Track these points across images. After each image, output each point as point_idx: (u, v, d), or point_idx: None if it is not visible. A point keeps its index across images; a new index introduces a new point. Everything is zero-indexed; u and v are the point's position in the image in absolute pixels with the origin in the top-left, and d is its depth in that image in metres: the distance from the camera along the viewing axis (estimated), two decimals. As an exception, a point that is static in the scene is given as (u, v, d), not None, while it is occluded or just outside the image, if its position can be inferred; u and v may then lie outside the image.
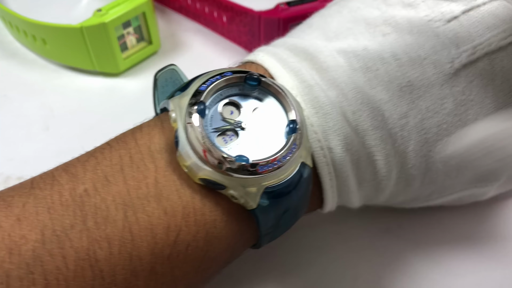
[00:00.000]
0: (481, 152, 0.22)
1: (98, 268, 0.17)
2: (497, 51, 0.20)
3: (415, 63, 0.21)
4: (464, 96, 0.20)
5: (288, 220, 0.21)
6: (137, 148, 0.19)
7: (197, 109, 0.18)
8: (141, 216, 0.17)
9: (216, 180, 0.18)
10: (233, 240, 0.20)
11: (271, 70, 0.22)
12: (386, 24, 0.21)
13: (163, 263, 0.18)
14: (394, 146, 0.21)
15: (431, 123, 0.21)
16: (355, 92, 0.20)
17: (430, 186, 0.23)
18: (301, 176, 0.19)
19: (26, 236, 0.16)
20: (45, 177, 0.18)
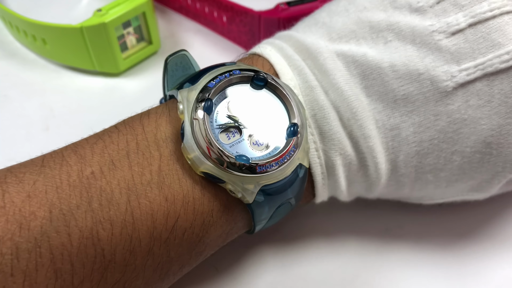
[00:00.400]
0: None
1: (100, 247, 0.18)
2: (498, 73, 0.20)
3: (412, 76, 0.21)
4: (458, 114, 0.20)
5: (281, 212, 0.22)
6: (144, 135, 0.20)
7: (204, 106, 0.19)
8: (143, 202, 0.19)
9: (216, 175, 0.19)
10: (227, 227, 0.21)
11: (277, 66, 0.22)
12: (389, 30, 0.21)
13: (160, 245, 0.19)
14: (385, 155, 0.22)
15: (422, 137, 0.21)
16: (352, 99, 0.21)
17: (420, 192, 0.24)
18: (297, 176, 0.20)
19: (35, 212, 0.17)
20: (55, 156, 0.19)
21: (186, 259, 0.21)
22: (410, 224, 0.28)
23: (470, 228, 0.28)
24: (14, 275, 0.17)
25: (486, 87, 0.20)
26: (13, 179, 0.18)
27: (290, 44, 0.23)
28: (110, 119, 0.34)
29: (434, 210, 0.29)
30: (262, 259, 0.27)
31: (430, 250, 0.27)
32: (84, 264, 0.18)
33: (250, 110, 0.20)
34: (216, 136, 0.19)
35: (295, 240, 0.28)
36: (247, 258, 0.27)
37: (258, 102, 0.21)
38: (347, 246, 0.27)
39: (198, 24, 0.42)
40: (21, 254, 0.17)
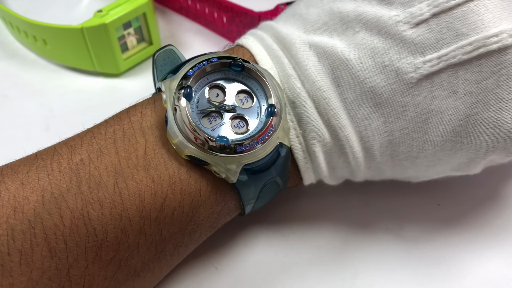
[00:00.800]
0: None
1: (92, 226, 0.19)
2: (461, 64, 0.20)
3: (378, 69, 0.21)
4: (425, 105, 0.21)
5: (268, 192, 0.23)
6: (130, 124, 0.21)
7: (183, 92, 0.20)
8: (130, 183, 0.20)
9: (200, 157, 0.20)
10: (217, 207, 0.22)
11: (257, 56, 0.23)
12: (357, 20, 0.22)
13: (150, 224, 0.20)
14: (360, 144, 0.22)
15: (393, 127, 0.22)
16: (324, 89, 0.22)
17: (402, 175, 0.24)
18: (279, 155, 0.21)
19: (29, 197, 0.19)
20: (48, 150, 0.21)
21: (179, 238, 0.21)
22: (410, 223, 0.28)
23: (469, 227, 0.28)
24: (10, 254, 0.18)
25: (451, 77, 0.20)
26: (8, 171, 0.20)
27: (270, 35, 0.24)
28: (110, 119, 0.34)
29: (434, 210, 0.29)
30: (262, 259, 0.27)
31: (429, 249, 0.27)
32: (77, 243, 0.19)
33: (230, 95, 0.22)
34: (197, 121, 0.20)
35: (295, 240, 0.28)
36: (247, 258, 0.27)
37: (238, 87, 0.22)
38: (347, 246, 0.27)
39: (198, 24, 0.42)
40: (16, 235, 0.18)
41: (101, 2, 0.43)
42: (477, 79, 0.20)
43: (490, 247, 0.27)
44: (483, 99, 0.20)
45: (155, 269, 0.22)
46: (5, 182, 0.19)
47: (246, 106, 0.22)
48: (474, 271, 0.26)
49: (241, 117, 0.21)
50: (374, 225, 0.28)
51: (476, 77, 0.20)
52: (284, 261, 0.27)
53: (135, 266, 0.20)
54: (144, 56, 0.38)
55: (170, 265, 0.23)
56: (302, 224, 0.28)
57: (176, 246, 0.22)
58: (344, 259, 0.27)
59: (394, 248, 0.27)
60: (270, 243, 0.28)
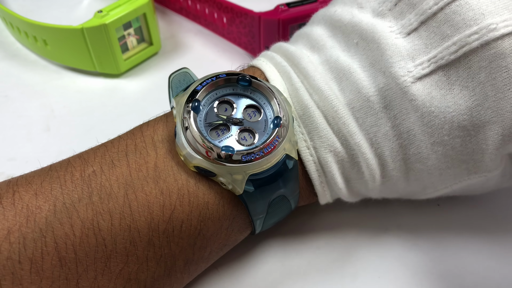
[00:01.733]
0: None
1: (101, 237, 0.19)
2: (450, 64, 0.21)
3: (378, 75, 0.22)
4: (425, 108, 0.21)
5: (278, 208, 0.22)
6: (142, 138, 0.22)
7: (191, 106, 0.21)
8: (140, 195, 0.20)
9: (207, 168, 0.20)
10: (226, 222, 0.22)
11: (267, 73, 0.24)
12: (354, 32, 0.23)
13: (159, 236, 0.20)
14: (372, 151, 0.22)
15: (401, 130, 0.22)
16: (332, 98, 0.22)
17: (418, 184, 0.24)
18: (287, 167, 0.21)
19: (41, 206, 0.19)
20: (62, 162, 0.22)
21: (189, 254, 0.21)
22: (409, 224, 0.28)
23: (468, 228, 0.28)
24: (21, 262, 0.18)
25: (444, 77, 0.21)
26: (22, 181, 0.20)
27: (280, 54, 0.25)
28: (111, 120, 0.34)
29: (433, 210, 0.29)
30: (263, 259, 0.27)
31: (429, 250, 0.27)
32: (87, 253, 0.19)
33: (238, 109, 0.22)
34: (205, 133, 0.21)
35: (295, 240, 0.28)
36: (247, 258, 0.27)
37: (246, 102, 0.22)
38: (347, 246, 0.27)
39: (198, 25, 0.42)
40: (28, 243, 0.18)
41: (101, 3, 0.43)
42: (469, 74, 0.20)
43: (490, 247, 0.27)
44: (480, 91, 0.20)
45: (165, 286, 0.21)
46: (19, 192, 0.20)
47: (254, 120, 0.22)
48: (474, 271, 0.26)
49: (249, 130, 0.22)
50: (374, 225, 0.28)
51: (468, 73, 0.20)
52: (284, 261, 0.27)
53: (144, 282, 0.20)
54: (144, 56, 0.38)
55: (180, 284, 0.23)
56: (302, 224, 0.28)
57: (186, 263, 0.22)
58: (344, 259, 0.27)
59: (394, 248, 0.27)
60: (270, 243, 0.28)
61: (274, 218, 0.24)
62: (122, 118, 0.34)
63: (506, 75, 0.20)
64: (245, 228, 0.23)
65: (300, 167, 0.23)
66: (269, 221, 0.23)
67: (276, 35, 0.34)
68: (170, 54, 0.39)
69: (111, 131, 0.24)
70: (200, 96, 0.21)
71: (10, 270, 0.18)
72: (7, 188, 0.20)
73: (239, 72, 0.22)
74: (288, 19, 0.34)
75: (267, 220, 0.23)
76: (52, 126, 0.34)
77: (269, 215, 0.23)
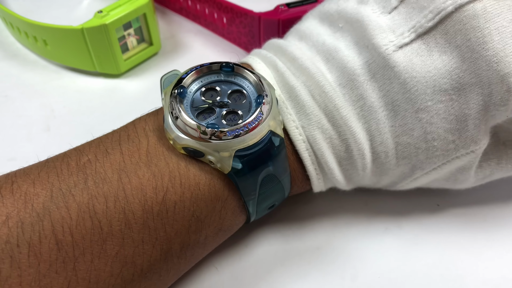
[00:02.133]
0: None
1: (97, 219, 0.20)
2: (428, 31, 0.22)
3: (361, 49, 0.23)
4: (407, 74, 0.22)
5: (270, 189, 0.23)
6: (134, 129, 0.23)
7: (177, 91, 0.22)
8: (133, 178, 0.21)
9: (195, 147, 0.21)
10: (218, 203, 0.22)
11: (253, 65, 0.26)
12: (340, 17, 0.25)
13: (154, 218, 0.21)
14: (359, 125, 0.23)
15: (386, 101, 0.23)
16: (318, 75, 0.23)
17: (406, 162, 0.24)
18: (273, 145, 0.22)
19: (38, 193, 0.20)
20: (58, 155, 0.22)
21: (184, 237, 0.22)
22: (409, 224, 0.28)
23: (468, 228, 0.28)
24: (20, 245, 0.19)
25: (423, 45, 0.22)
26: (21, 173, 0.21)
27: (268, 48, 0.27)
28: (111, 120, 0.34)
29: (433, 210, 0.29)
30: (263, 259, 0.27)
31: (428, 250, 0.27)
32: (83, 236, 0.20)
33: (223, 94, 0.23)
34: (191, 115, 0.22)
35: (295, 240, 0.28)
36: (247, 258, 0.27)
37: (231, 87, 0.23)
38: (347, 246, 0.27)
39: (198, 25, 0.42)
40: (26, 228, 0.19)
41: (102, 3, 0.43)
42: (447, 39, 0.22)
43: (490, 247, 0.27)
44: (458, 54, 0.22)
45: (161, 271, 0.22)
46: (18, 182, 0.20)
47: (239, 103, 0.23)
48: (474, 271, 0.26)
49: (234, 112, 0.22)
50: (374, 225, 0.28)
51: (445, 38, 0.22)
52: (284, 261, 0.27)
53: (141, 265, 0.21)
54: (144, 56, 0.38)
55: (177, 270, 0.23)
56: (302, 224, 0.28)
57: (182, 247, 0.22)
58: (344, 259, 0.27)
59: (394, 248, 0.27)
60: (270, 243, 0.28)
61: (268, 201, 0.24)
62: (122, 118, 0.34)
63: (480, 34, 0.21)
64: (239, 212, 0.24)
65: (290, 147, 0.24)
66: (262, 204, 0.24)
67: (276, 35, 0.34)
68: (170, 54, 0.40)
69: (111, 131, 0.24)
70: (185, 83, 0.23)
71: (8, 253, 0.18)
72: (6, 179, 0.21)
73: (222, 61, 0.24)
74: (288, 19, 0.34)
75: (260, 203, 0.24)
76: (52, 126, 0.34)
77: (261, 196, 0.23)
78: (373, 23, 0.23)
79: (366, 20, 0.23)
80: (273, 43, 0.26)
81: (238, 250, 0.27)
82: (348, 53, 0.23)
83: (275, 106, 0.23)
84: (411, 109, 0.23)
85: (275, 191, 0.24)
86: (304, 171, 0.24)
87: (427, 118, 0.23)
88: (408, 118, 0.23)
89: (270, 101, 0.22)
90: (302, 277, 0.26)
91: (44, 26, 0.35)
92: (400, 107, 0.23)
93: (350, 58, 0.23)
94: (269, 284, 0.26)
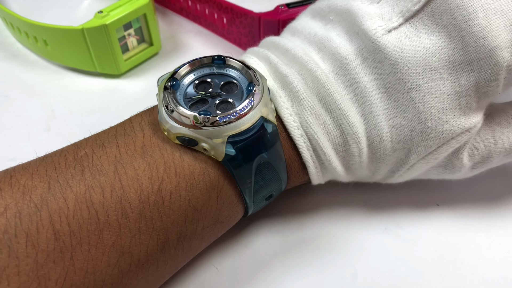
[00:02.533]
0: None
1: (94, 209, 0.20)
2: (415, 15, 0.23)
3: (352, 37, 0.24)
4: (397, 55, 0.23)
5: (265, 177, 0.23)
6: (130, 124, 0.24)
7: (170, 84, 0.23)
8: (129, 169, 0.21)
9: (188, 135, 0.22)
10: (214, 192, 0.23)
11: (246, 60, 0.26)
12: (331, 11, 0.25)
13: (150, 208, 0.21)
14: (352, 109, 0.24)
15: (378, 84, 0.24)
16: (310, 63, 0.24)
17: (401, 146, 0.24)
18: (266, 130, 0.22)
19: (36, 185, 0.20)
20: (56, 150, 0.23)
21: (181, 227, 0.22)
22: (409, 224, 0.28)
23: (468, 228, 0.28)
24: (17, 235, 0.19)
25: (411, 28, 0.23)
26: (19, 167, 0.22)
27: (261, 45, 0.27)
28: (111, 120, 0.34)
29: (433, 210, 0.29)
30: (263, 259, 0.27)
31: (428, 250, 0.27)
32: (80, 225, 0.20)
33: (216, 86, 0.24)
34: (183, 104, 0.22)
35: (295, 239, 0.28)
36: (247, 258, 0.27)
37: (223, 79, 0.24)
38: (347, 246, 0.27)
39: (198, 25, 0.42)
40: (24, 218, 0.19)
41: (102, 3, 0.43)
42: (433, 21, 0.23)
43: (490, 247, 0.27)
44: (445, 34, 0.22)
45: (159, 262, 0.22)
46: (16, 176, 0.21)
47: (231, 93, 0.23)
48: (474, 271, 0.26)
49: (227, 102, 0.23)
50: (374, 225, 0.28)
51: (432, 20, 0.23)
52: (284, 261, 0.27)
53: (138, 255, 0.21)
54: (144, 57, 0.38)
55: (174, 261, 0.23)
56: (302, 224, 0.28)
57: (179, 237, 0.22)
58: (344, 259, 0.27)
59: (393, 248, 0.27)
60: (270, 243, 0.28)
61: (264, 191, 0.24)
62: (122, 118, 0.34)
63: (465, 12, 0.22)
64: (236, 201, 0.24)
65: (285, 135, 0.24)
66: (259, 193, 0.24)
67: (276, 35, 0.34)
68: (170, 55, 0.40)
69: (111, 131, 0.24)
70: (178, 75, 0.23)
71: (6, 243, 0.19)
72: (5, 174, 0.21)
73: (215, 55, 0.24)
74: (288, 19, 0.34)
75: (257, 192, 0.24)
76: (53, 126, 0.34)
77: (257, 185, 0.23)
78: (362, 11, 0.24)
79: (355, 9, 0.24)
80: (266, 40, 0.27)
81: (238, 250, 0.27)
82: (339, 42, 0.24)
83: (267, 94, 0.23)
84: (403, 89, 0.23)
85: (271, 179, 0.24)
86: (300, 159, 0.25)
87: (419, 97, 0.23)
88: (401, 100, 0.23)
89: (262, 88, 0.23)
90: (302, 277, 0.26)
91: (45, 26, 0.35)
92: (393, 89, 0.23)
93: (341, 46, 0.24)
94: (269, 284, 0.26)
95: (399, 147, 0.24)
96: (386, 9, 0.24)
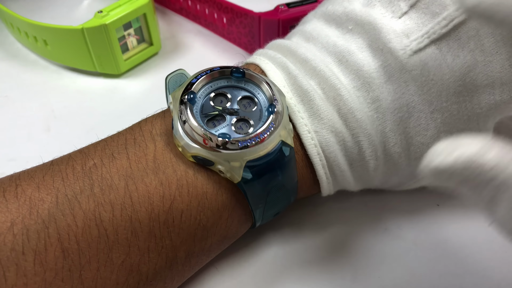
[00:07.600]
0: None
1: (103, 228, 0.20)
2: (442, 37, 0.22)
3: (375, 52, 0.23)
4: (423, 78, 0.22)
5: (277, 198, 0.23)
6: (141, 133, 0.22)
7: (187, 97, 0.21)
8: (140, 186, 0.20)
9: (205, 157, 0.21)
10: (225, 212, 0.22)
11: (262, 65, 0.25)
12: (349, 19, 0.24)
13: (160, 227, 0.21)
14: (373, 127, 0.23)
15: (401, 103, 0.23)
16: (332, 78, 0.23)
17: (418, 163, 0.24)
18: (284, 155, 0.22)
19: (44, 198, 0.20)
20: (63, 157, 0.22)
21: (190, 245, 0.22)
22: (409, 224, 0.28)
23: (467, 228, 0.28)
24: (25, 253, 0.18)
25: (437, 50, 0.22)
26: (25, 176, 0.21)
27: (274, 49, 0.26)
28: (111, 120, 0.34)
29: (433, 210, 0.29)
30: (263, 259, 0.27)
31: (428, 250, 0.27)
32: (89, 243, 0.19)
33: (233, 100, 0.23)
34: (201, 122, 0.21)
35: (295, 239, 0.28)
36: (248, 258, 0.27)
37: (241, 93, 0.23)
38: (347, 246, 0.27)
39: (198, 25, 0.42)
40: (31, 235, 0.19)
41: (102, 3, 0.43)
42: (459, 45, 0.22)
43: (489, 248, 0.27)
44: (471, 58, 0.22)
45: (166, 278, 0.22)
46: (22, 185, 0.20)
47: (249, 110, 0.22)
48: (473, 271, 0.26)
49: (245, 120, 0.22)
50: (374, 225, 0.28)
51: (458, 43, 0.22)
52: (284, 261, 0.27)
53: (146, 273, 0.21)
54: (144, 56, 0.38)
55: (181, 276, 0.23)
56: (302, 224, 0.28)
57: (187, 255, 0.22)
58: (344, 259, 0.27)
59: (393, 249, 0.27)
60: (270, 243, 0.28)
61: (274, 209, 0.24)
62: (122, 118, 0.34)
63: (493, 40, 0.22)
64: (245, 220, 0.23)
65: (301, 152, 0.24)
66: (268, 211, 0.23)
67: (276, 35, 0.34)
68: (170, 55, 0.40)
69: (111, 131, 0.24)
70: (195, 88, 0.22)
71: (14, 261, 0.18)
72: (10, 182, 0.20)
73: (232, 65, 0.23)
74: (288, 19, 0.34)
75: (267, 211, 0.23)
76: (53, 126, 0.34)
77: (268, 204, 0.23)
78: (387, 27, 0.23)
79: (379, 23, 0.23)
80: (279, 44, 0.26)
81: (238, 250, 0.27)
82: (361, 56, 0.23)
83: (286, 114, 0.22)
84: (427, 110, 0.23)
85: (282, 199, 0.23)
86: (313, 175, 0.24)
87: (442, 118, 0.23)
88: (422, 119, 0.23)
89: (281, 110, 0.22)
90: (302, 277, 0.26)
91: (44, 26, 0.35)
92: (415, 109, 0.23)
93: (365, 62, 0.23)
94: (269, 284, 0.26)
95: (415, 163, 0.24)
96: (411, 27, 0.23)
